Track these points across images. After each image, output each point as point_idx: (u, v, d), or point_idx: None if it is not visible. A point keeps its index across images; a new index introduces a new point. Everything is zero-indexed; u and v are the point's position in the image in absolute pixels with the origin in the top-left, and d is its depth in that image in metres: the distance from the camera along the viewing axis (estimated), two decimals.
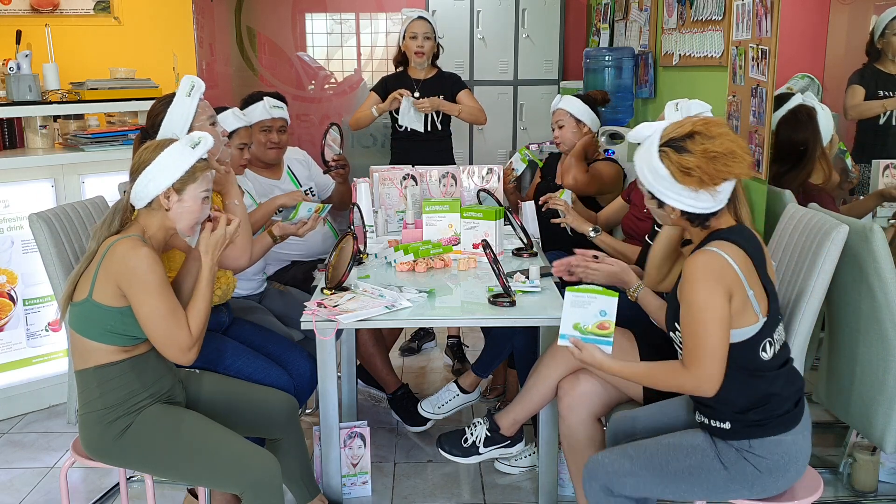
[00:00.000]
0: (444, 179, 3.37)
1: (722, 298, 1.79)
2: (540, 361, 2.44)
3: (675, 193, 1.87)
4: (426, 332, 4.16)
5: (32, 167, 3.37)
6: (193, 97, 2.38)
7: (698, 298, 1.80)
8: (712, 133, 1.83)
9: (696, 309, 1.80)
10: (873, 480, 2.71)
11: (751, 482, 1.88)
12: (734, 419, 1.88)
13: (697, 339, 1.80)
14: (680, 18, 3.94)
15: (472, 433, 2.56)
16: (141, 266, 1.94)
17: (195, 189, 2.07)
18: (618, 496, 1.96)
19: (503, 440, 2.55)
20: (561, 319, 1.97)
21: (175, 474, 2.15)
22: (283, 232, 2.70)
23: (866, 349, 2.22)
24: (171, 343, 1.99)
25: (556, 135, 3.48)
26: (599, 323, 1.94)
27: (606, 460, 1.98)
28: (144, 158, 2.04)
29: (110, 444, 2.04)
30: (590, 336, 1.95)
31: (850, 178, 3.05)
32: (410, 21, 3.81)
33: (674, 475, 1.91)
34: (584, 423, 2.31)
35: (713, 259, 1.82)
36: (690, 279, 1.82)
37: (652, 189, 1.91)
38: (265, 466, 2.04)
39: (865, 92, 3.23)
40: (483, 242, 2.45)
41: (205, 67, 5.68)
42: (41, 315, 3.42)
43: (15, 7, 4.11)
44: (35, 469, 2.99)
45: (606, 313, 1.93)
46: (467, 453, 2.55)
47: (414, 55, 3.80)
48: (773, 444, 1.87)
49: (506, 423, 2.53)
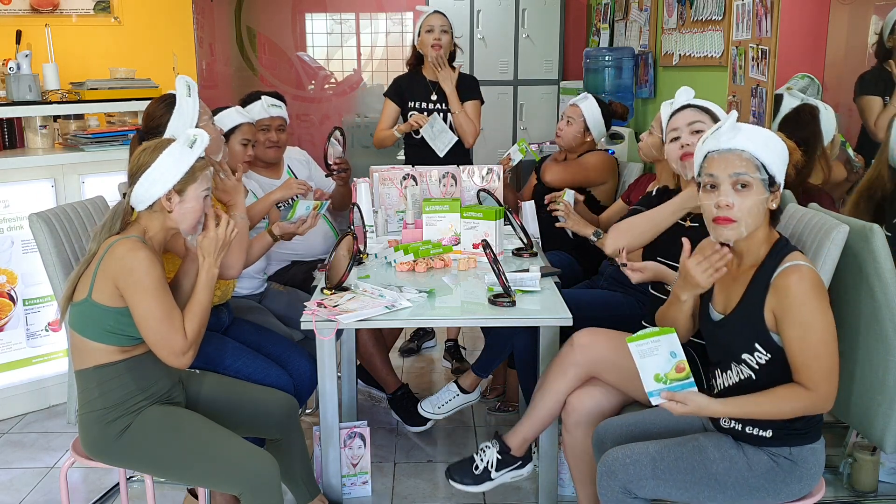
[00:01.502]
0: (444, 179, 3.37)
1: (830, 313, 1.78)
2: (545, 377, 2.39)
3: (783, 164, 1.86)
4: (425, 332, 4.14)
5: (32, 167, 3.37)
6: (193, 97, 2.38)
7: (815, 320, 1.76)
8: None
9: (815, 329, 1.76)
10: (873, 480, 2.71)
11: (778, 489, 1.86)
12: (779, 427, 1.85)
13: (821, 360, 1.76)
14: (680, 18, 3.94)
15: (483, 459, 2.46)
16: (139, 267, 1.94)
17: (196, 189, 2.07)
18: (636, 497, 1.92)
19: (514, 461, 2.47)
20: (641, 377, 1.86)
21: (174, 475, 2.14)
22: (282, 231, 2.70)
23: (866, 349, 2.22)
24: (165, 346, 1.99)
25: (561, 127, 3.47)
26: (676, 366, 1.84)
27: (628, 460, 1.92)
28: (143, 161, 2.04)
29: (110, 444, 2.04)
30: (674, 384, 1.84)
31: (856, 169, 3.02)
32: (426, 16, 3.66)
33: (699, 481, 1.88)
34: (588, 437, 2.27)
35: (808, 275, 1.78)
36: (797, 300, 1.77)
37: (775, 171, 1.84)
38: (264, 467, 2.03)
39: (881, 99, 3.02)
40: (483, 242, 2.44)
41: (205, 67, 5.68)
42: (41, 315, 3.42)
43: (15, 7, 4.11)
44: (35, 469, 2.99)
45: (676, 354, 1.84)
46: (479, 480, 2.46)
47: (431, 48, 3.60)
48: (809, 452, 1.86)
49: (516, 442, 2.46)
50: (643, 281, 2.35)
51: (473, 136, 3.70)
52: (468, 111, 3.68)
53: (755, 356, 1.87)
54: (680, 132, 2.35)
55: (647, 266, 2.35)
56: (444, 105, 3.68)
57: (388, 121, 3.75)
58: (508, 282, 2.36)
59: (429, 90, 3.70)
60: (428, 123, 3.59)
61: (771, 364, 1.84)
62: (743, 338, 1.89)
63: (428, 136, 3.62)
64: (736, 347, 1.91)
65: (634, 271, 2.32)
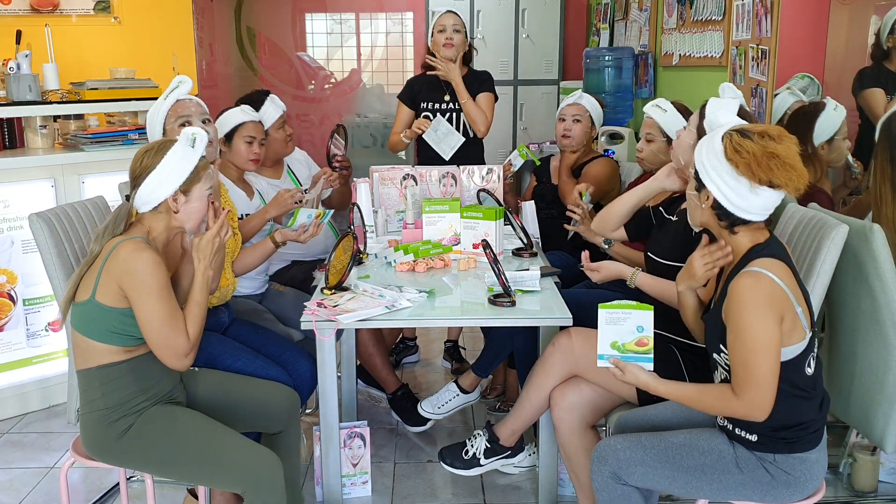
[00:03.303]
0: (444, 179, 3.37)
1: (772, 323, 1.75)
2: (532, 372, 2.44)
3: (717, 174, 1.82)
4: (406, 346, 4.01)
5: (32, 167, 3.36)
6: (169, 98, 2.47)
7: (748, 326, 1.74)
8: (782, 141, 1.80)
9: (747, 337, 1.75)
10: (873, 480, 2.71)
11: (764, 490, 1.87)
12: (763, 433, 1.86)
13: (748, 368, 1.75)
14: (680, 18, 3.94)
15: (473, 445, 2.56)
16: (143, 269, 1.95)
17: (201, 188, 2.08)
18: (624, 484, 1.95)
19: (503, 451, 2.55)
20: (598, 339, 1.90)
21: (177, 474, 2.15)
22: (284, 238, 2.71)
23: (866, 349, 2.22)
24: (168, 347, 1.99)
25: (569, 128, 3.42)
26: (638, 339, 1.88)
27: (619, 446, 1.95)
28: (147, 164, 2.04)
29: (112, 444, 2.04)
30: (629, 354, 1.89)
31: (855, 175, 3.01)
32: (439, 16, 3.62)
33: (685, 471, 1.90)
34: (576, 433, 2.31)
35: (760, 282, 1.76)
36: (739, 305, 1.76)
37: (699, 166, 1.86)
38: (268, 464, 2.04)
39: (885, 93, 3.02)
40: (483, 242, 2.44)
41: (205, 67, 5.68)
42: (41, 315, 3.42)
43: (15, 7, 4.11)
44: (35, 469, 2.99)
45: (644, 329, 1.87)
46: (469, 465, 2.55)
47: (443, 47, 3.56)
48: (797, 461, 1.86)
49: (504, 433, 2.53)
50: (602, 280, 2.49)
51: (485, 125, 3.65)
52: (480, 102, 3.63)
53: (722, 356, 1.90)
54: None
55: (603, 265, 2.47)
56: (457, 105, 3.64)
57: (400, 125, 3.73)
58: (508, 282, 2.36)
59: (442, 91, 3.65)
60: (431, 127, 3.58)
61: None
62: (713, 337, 1.93)
63: (432, 140, 3.61)
64: (711, 346, 1.96)
65: (592, 271, 2.47)
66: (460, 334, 4.02)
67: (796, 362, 1.82)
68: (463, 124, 3.66)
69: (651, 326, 1.89)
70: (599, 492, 1.97)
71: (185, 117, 2.52)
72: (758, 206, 1.83)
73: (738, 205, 1.82)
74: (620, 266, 2.45)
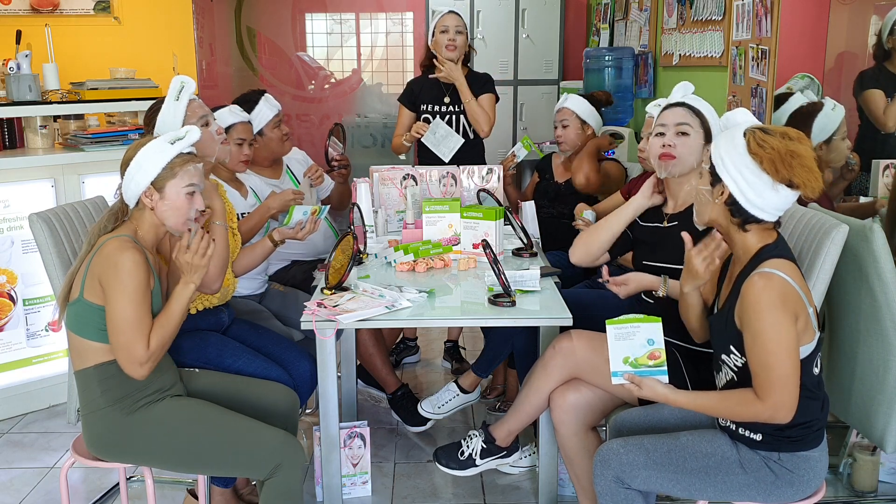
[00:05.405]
0: (444, 179, 3.37)
1: (789, 324, 1.75)
2: (531, 373, 2.43)
3: (736, 169, 1.81)
4: (406, 346, 4.01)
5: (32, 167, 3.37)
6: (182, 99, 2.39)
7: (765, 328, 1.74)
8: (803, 142, 1.81)
9: (766, 340, 1.75)
10: (873, 480, 2.71)
11: (768, 490, 1.87)
12: (768, 432, 1.86)
13: (769, 370, 1.75)
14: (680, 18, 3.94)
15: (468, 445, 2.55)
16: (122, 268, 1.93)
17: (176, 185, 2.05)
18: (628, 488, 1.95)
19: (499, 451, 2.55)
20: (610, 357, 1.89)
21: (192, 466, 2.14)
22: (282, 236, 2.70)
23: (866, 349, 2.22)
24: (125, 350, 1.96)
25: (560, 134, 3.48)
26: (650, 353, 1.86)
27: (622, 450, 1.95)
28: (128, 156, 2.06)
29: (119, 438, 2.04)
30: (643, 369, 1.87)
31: (851, 167, 3.00)
32: (441, 16, 3.61)
33: (689, 473, 1.90)
34: (577, 435, 2.31)
35: (774, 282, 1.76)
36: (754, 308, 1.76)
37: (717, 160, 1.85)
38: (291, 447, 2.06)
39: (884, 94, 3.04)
40: (483, 242, 2.44)
41: (205, 67, 5.68)
42: (41, 315, 3.42)
43: (15, 7, 4.12)
44: (35, 469, 2.99)
45: (654, 342, 1.85)
46: (464, 465, 2.54)
47: (445, 48, 3.55)
48: (801, 460, 1.86)
49: (501, 434, 2.53)
50: (629, 294, 2.38)
51: (488, 124, 3.64)
52: (483, 103, 3.63)
53: (731, 358, 1.90)
54: (666, 129, 2.35)
55: (630, 278, 2.37)
56: (457, 107, 3.64)
57: (401, 127, 3.73)
58: (508, 282, 2.36)
59: (442, 92, 3.65)
60: (429, 130, 3.58)
61: (745, 368, 1.85)
62: (723, 339, 1.92)
63: (430, 143, 3.60)
64: (719, 347, 1.95)
65: (618, 286, 2.36)
66: (460, 334, 4.02)
67: (807, 362, 1.83)
68: (462, 126, 3.66)
69: (661, 339, 1.87)
70: (603, 496, 1.96)
71: (205, 117, 2.51)
72: (773, 205, 1.83)
73: (753, 202, 1.82)
74: (648, 277, 2.36)
